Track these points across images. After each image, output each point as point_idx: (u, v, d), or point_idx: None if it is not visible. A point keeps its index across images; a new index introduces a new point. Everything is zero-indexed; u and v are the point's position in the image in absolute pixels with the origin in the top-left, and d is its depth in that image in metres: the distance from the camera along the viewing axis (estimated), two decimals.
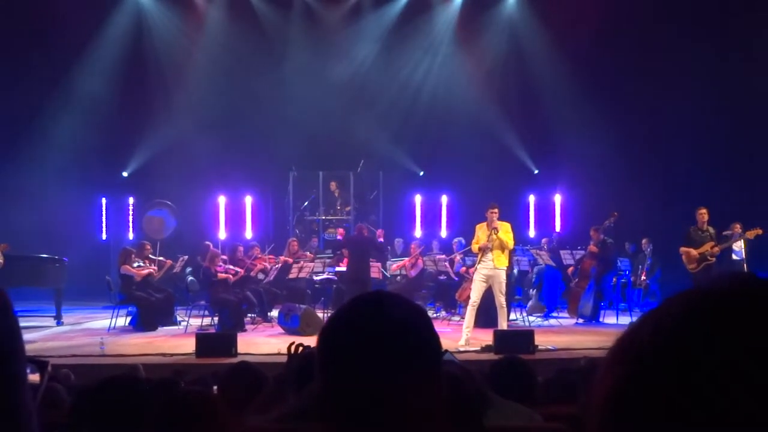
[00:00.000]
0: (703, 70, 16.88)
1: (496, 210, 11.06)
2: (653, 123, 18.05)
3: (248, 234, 19.09)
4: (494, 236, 10.90)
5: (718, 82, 16.92)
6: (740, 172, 16.80)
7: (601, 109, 17.47)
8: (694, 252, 12.40)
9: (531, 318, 14.15)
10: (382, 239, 15.11)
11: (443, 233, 19.16)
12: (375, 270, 14.25)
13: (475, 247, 11.26)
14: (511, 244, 11.23)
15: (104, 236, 19.66)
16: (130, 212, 19.57)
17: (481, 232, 11.15)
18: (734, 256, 12.64)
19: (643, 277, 15.59)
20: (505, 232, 11.03)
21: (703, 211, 12.49)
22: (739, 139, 17.02)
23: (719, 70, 16.91)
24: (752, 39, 16.38)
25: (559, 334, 12.50)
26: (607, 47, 17.71)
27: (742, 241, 12.37)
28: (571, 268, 14.90)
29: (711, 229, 12.47)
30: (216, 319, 13.39)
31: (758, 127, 16.73)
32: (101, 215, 19.71)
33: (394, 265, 15.77)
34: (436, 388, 1.37)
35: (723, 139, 17.16)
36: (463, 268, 14.49)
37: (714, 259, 12.29)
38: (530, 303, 15.16)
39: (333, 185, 19.47)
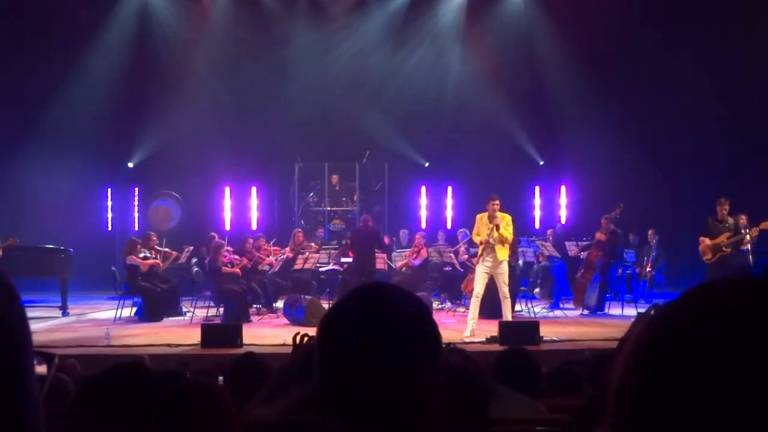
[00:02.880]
0: (709, 61, 16.82)
1: (497, 202, 10.99)
2: (658, 114, 18.01)
3: (254, 225, 19.13)
4: (495, 233, 10.88)
5: (725, 74, 16.87)
6: (747, 164, 16.74)
7: (606, 100, 17.45)
8: (708, 242, 12.39)
9: (536, 309, 14.15)
10: (386, 241, 15.21)
11: (448, 224, 19.15)
12: (380, 261, 14.26)
13: (476, 238, 11.25)
14: (510, 237, 11.16)
15: (110, 227, 19.68)
16: (136, 203, 19.61)
17: (481, 223, 11.12)
18: (747, 246, 12.54)
19: (648, 269, 15.57)
20: (506, 225, 10.98)
21: (725, 203, 12.45)
22: (746, 130, 16.95)
23: (726, 61, 16.86)
24: (757, 30, 16.28)
25: (564, 326, 12.49)
26: (613, 39, 17.66)
27: (751, 234, 12.29)
28: (575, 251, 14.88)
29: (731, 220, 12.42)
30: (221, 310, 13.42)
31: (764, 119, 16.66)
32: (107, 206, 19.74)
33: (400, 259, 15.72)
34: (436, 378, 1.37)
35: (729, 130, 17.10)
36: (465, 256, 14.50)
37: (729, 250, 12.27)
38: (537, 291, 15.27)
39: (335, 178, 19.45)
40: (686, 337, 0.70)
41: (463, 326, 11.30)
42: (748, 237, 12.25)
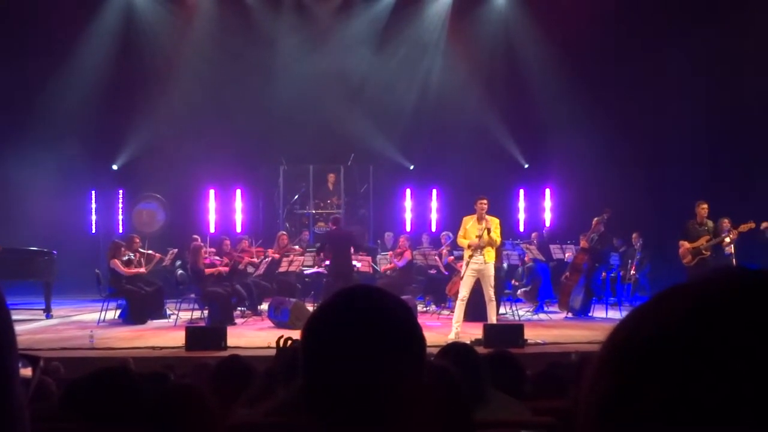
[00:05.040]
0: (694, 63, 16.90)
1: (485, 202, 11.04)
2: (643, 118, 18.06)
3: (238, 227, 19.09)
4: (485, 236, 10.89)
5: (710, 76, 16.94)
6: (730, 168, 16.83)
7: (591, 103, 17.49)
8: (688, 245, 12.42)
9: (521, 312, 14.17)
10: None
11: (433, 227, 19.18)
12: (365, 264, 14.22)
13: (462, 242, 11.24)
14: (498, 240, 11.23)
15: (94, 229, 19.61)
16: (120, 205, 19.54)
17: (469, 224, 11.13)
18: (730, 249, 12.56)
19: (632, 272, 15.61)
20: (494, 228, 11.01)
21: (704, 205, 12.50)
22: (728, 134, 17.04)
23: (711, 63, 16.93)
24: (744, 34, 16.36)
25: (549, 328, 12.52)
26: (597, 42, 17.71)
27: (731, 236, 12.33)
28: (568, 254, 14.91)
29: (710, 223, 12.46)
30: (206, 312, 13.37)
31: (748, 123, 16.75)
32: (91, 208, 19.66)
33: (385, 262, 15.73)
34: (420, 380, 1.38)
35: (712, 134, 17.20)
36: (451, 258, 14.50)
37: (708, 253, 12.29)
38: (521, 291, 15.28)
39: (332, 177, 19.43)
40: (654, 338, 0.69)
41: (447, 329, 11.30)
42: (728, 239, 12.30)
